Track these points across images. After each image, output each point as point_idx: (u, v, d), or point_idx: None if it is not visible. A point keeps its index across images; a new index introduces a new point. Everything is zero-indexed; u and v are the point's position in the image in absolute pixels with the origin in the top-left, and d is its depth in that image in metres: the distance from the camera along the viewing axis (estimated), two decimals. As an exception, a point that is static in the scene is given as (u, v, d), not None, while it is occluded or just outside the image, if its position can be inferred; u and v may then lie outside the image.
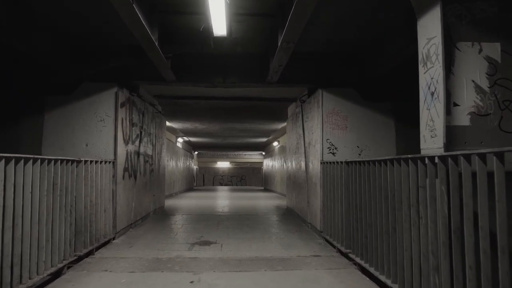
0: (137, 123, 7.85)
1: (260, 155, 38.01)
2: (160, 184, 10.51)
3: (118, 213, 6.53)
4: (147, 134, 8.78)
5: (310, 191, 7.65)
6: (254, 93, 9.44)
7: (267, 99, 10.00)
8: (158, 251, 5.63)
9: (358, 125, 6.86)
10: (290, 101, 10.12)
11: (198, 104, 10.82)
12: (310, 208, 7.58)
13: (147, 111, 8.77)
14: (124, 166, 6.94)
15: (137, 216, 7.89)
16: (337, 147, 6.81)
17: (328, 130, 6.83)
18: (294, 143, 9.76)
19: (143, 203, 8.38)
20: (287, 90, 9.08)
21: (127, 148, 7.09)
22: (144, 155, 8.42)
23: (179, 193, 20.72)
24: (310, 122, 7.69)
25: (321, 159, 6.75)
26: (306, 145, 8.06)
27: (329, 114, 6.86)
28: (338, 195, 5.69)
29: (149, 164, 8.99)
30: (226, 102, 10.40)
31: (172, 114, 12.73)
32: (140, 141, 8.04)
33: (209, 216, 9.73)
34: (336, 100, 6.89)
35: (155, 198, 9.76)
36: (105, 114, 6.57)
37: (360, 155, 6.82)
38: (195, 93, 9.50)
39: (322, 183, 6.64)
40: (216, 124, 15.30)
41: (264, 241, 6.43)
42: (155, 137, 9.72)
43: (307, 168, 7.98)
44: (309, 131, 7.80)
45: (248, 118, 13.51)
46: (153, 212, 9.58)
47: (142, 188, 8.27)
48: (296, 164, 9.30)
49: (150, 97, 9.44)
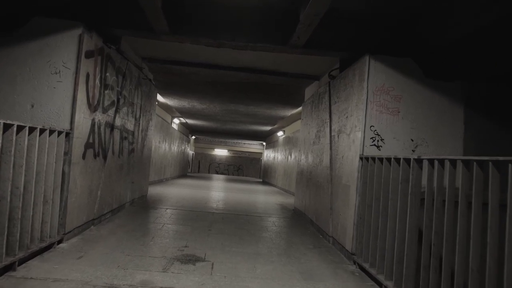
0: (113, 86, 5.90)
1: (260, 145, 36.17)
2: (143, 168, 8.59)
3: (71, 205, 4.62)
4: (128, 104, 6.83)
5: (336, 194, 5.75)
6: (269, 63, 7.48)
7: (283, 74, 8.05)
8: (117, 269, 3.74)
9: (415, 110, 4.94)
10: (311, 78, 8.17)
11: (198, 75, 8.86)
12: (335, 218, 5.69)
13: (131, 74, 6.81)
14: (87, 141, 5.01)
15: (104, 208, 5.99)
16: (383, 138, 4.90)
17: (374, 113, 4.91)
18: (312, 132, 7.84)
19: (115, 191, 6.47)
20: (311, 63, 7.13)
21: (93, 117, 5.16)
22: (121, 130, 6.49)
23: (170, 179, 18.84)
24: (344, 103, 5.76)
25: (360, 152, 4.85)
26: (334, 133, 6.14)
27: (377, 91, 4.93)
28: (392, 209, 3.80)
29: (129, 142, 7.07)
30: (232, 74, 8.43)
31: (166, 87, 10.75)
32: (116, 111, 6.10)
33: (199, 213, 7.84)
34: (387, 74, 4.95)
35: (135, 185, 7.86)
36: (62, 64, 4.62)
37: (414, 151, 4.91)
38: (194, 57, 7.53)
39: (359, 186, 4.74)
40: (217, 104, 13.33)
41: (273, 261, 4.54)
42: (140, 110, 7.77)
43: (332, 163, 6.08)
44: (340, 116, 5.88)
45: (255, 99, 11.55)
46: (130, 203, 7.68)
47: (115, 171, 6.35)
48: (315, 158, 7.39)
49: (137, 58, 7.47)
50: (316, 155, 7.31)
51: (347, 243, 5.01)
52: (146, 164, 8.86)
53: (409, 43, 5.12)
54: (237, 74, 8.36)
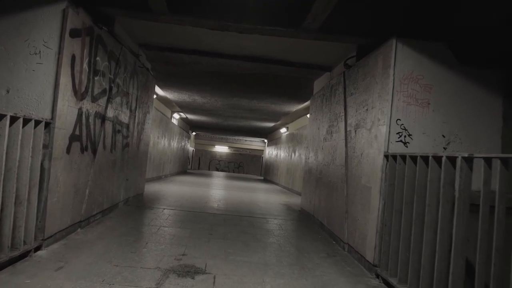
0: (105, 73, 5.28)
1: (261, 143, 35.57)
2: (139, 165, 7.98)
3: (52, 206, 4.01)
4: (123, 94, 6.21)
5: (352, 196, 5.14)
6: (277, 51, 6.85)
7: (292, 64, 7.41)
8: (101, 285, 3.13)
9: (447, 102, 4.32)
10: (321, 69, 7.54)
11: (199, 65, 8.22)
12: (351, 223, 5.08)
13: (125, 61, 6.19)
14: (73, 133, 4.39)
15: (94, 208, 5.38)
16: (411, 133, 4.28)
17: (401, 105, 4.29)
18: (323, 127, 7.22)
19: (106, 189, 5.86)
20: (322, 52, 6.50)
21: (80, 106, 4.54)
22: (114, 122, 5.87)
23: (169, 176, 18.24)
24: (363, 94, 5.14)
25: (385, 149, 4.23)
26: (350, 128, 5.52)
27: (405, 80, 4.31)
28: (430, 217, 3.18)
29: (123, 135, 6.45)
30: (237, 64, 7.81)
31: (165, 78, 10.12)
32: (108, 101, 5.48)
33: (199, 214, 7.23)
34: (416, 60, 4.33)
35: (129, 183, 7.25)
36: (43, 44, 3.99)
37: (446, 149, 4.30)
38: (195, 45, 6.90)
39: (384, 188, 4.13)
40: (219, 98, 12.70)
41: (283, 274, 3.94)
42: (136, 101, 7.15)
43: (348, 161, 5.46)
44: (358, 108, 5.26)
45: (259, 93, 10.92)
46: (125, 202, 7.07)
47: (107, 168, 5.74)
48: (326, 156, 6.77)
49: (133, 44, 6.85)
50: (327, 152, 6.69)
51: (367, 253, 4.40)
52: (143, 160, 8.24)
53: (442, 25, 4.48)
54: (242, 64, 7.73)
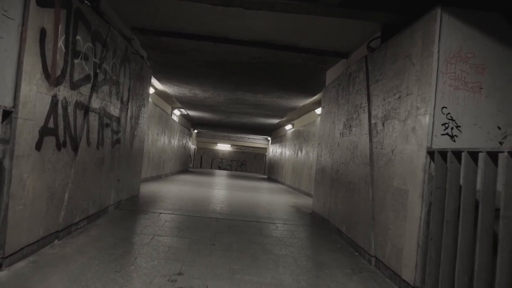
0: (88, 56, 4.49)
1: (264, 140, 34.79)
2: (133, 163, 7.19)
3: (15, 215, 3.22)
4: (111, 82, 5.42)
5: (381, 201, 4.33)
6: (288, 35, 6.04)
7: (304, 50, 6.60)
8: (67, 325, 2.34)
9: (504, 86, 3.51)
10: (337, 56, 6.72)
11: (201, 53, 7.43)
12: (380, 232, 4.28)
13: (115, 44, 5.40)
14: (45, 125, 3.61)
15: (76, 215, 4.60)
16: (459, 124, 3.47)
17: (447, 90, 3.48)
18: (339, 121, 6.41)
19: (92, 192, 5.08)
20: (339, 35, 5.71)
21: (55, 92, 3.75)
22: (101, 114, 5.09)
23: (170, 175, 17.47)
24: (393, 80, 4.33)
25: (428, 144, 3.43)
26: (376, 121, 4.72)
27: (451, 59, 3.50)
28: (507, 233, 2.38)
29: (112, 130, 5.66)
30: (242, 51, 7.01)
31: (164, 69, 9.32)
32: (93, 89, 4.69)
33: (200, 219, 6.44)
34: (465, 34, 3.52)
35: (122, 183, 6.46)
36: (2, 13, 3.20)
37: (503, 143, 3.49)
38: (196, 28, 6.09)
39: (427, 192, 3.33)
40: (222, 92, 11.90)
41: (304, 300, 3.15)
42: (129, 92, 6.36)
43: (373, 159, 4.66)
44: (387, 97, 4.45)
45: (266, 85, 10.11)
46: (116, 205, 6.29)
47: (92, 167, 4.95)
48: (344, 153, 5.97)
49: (125, 27, 6.06)
50: (345, 149, 5.88)
51: (404, 271, 3.60)
52: (137, 158, 7.46)
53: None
54: (248, 50, 6.93)
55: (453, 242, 2.94)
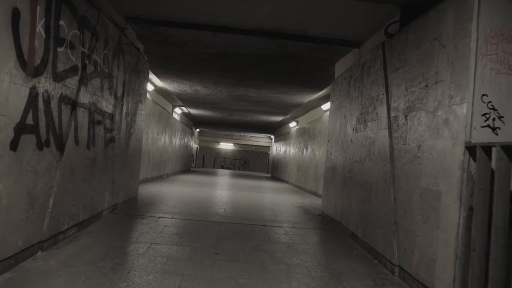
0: (74, 44, 4.02)
1: (268, 139, 34.31)
2: (130, 164, 6.73)
3: (-15, 227, 2.76)
4: (103, 75, 4.95)
5: (405, 202, 3.84)
6: (294, 22, 5.55)
7: (311, 39, 6.10)
8: None
9: (553, 70, 3.02)
10: (347, 45, 6.22)
11: (200, 44, 6.95)
12: (405, 239, 3.79)
13: (106, 33, 4.93)
14: (21, 122, 3.13)
15: (64, 222, 4.13)
16: (503, 114, 2.98)
17: (487, 75, 2.99)
18: (351, 115, 5.92)
19: (83, 196, 4.62)
20: (350, 21, 5.20)
21: (34, 84, 3.28)
22: (91, 110, 4.62)
23: (171, 175, 17.02)
24: (416, 67, 3.84)
25: (466, 138, 2.93)
26: (397, 113, 4.23)
27: (492, 39, 3.00)
28: None
29: (106, 128, 5.19)
30: (244, 42, 6.52)
31: (162, 63, 8.85)
32: (81, 82, 4.22)
33: (202, 224, 5.97)
34: (507, 10, 3.02)
35: (117, 185, 6.00)
36: (-33, -10, 2.73)
37: (553, 137, 2.99)
38: (194, 16, 5.61)
39: (466, 194, 2.84)
40: (224, 89, 11.41)
41: (325, 323, 2.67)
42: (124, 86, 5.89)
43: (394, 156, 4.17)
44: (409, 86, 3.95)
45: (269, 80, 9.61)
46: (111, 209, 5.82)
47: (82, 168, 4.49)
48: (358, 149, 5.48)
49: (119, 16, 5.58)
50: (360, 145, 5.39)
51: (438, 285, 3.11)
52: (135, 158, 6.99)
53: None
54: (250, 40, 6.44)
55: (504, 254, 2.45)
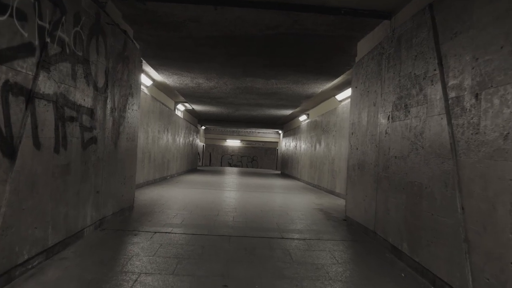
0: (25, 13, 3.00)
1: (276, 134, 33.27)
2: (121, 168, 5.73)
3: None
4: (75, 59, 3.93)
5: (486, 216, 2.78)
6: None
7: (334, 10, 5.02)
8: None
9: None
10: (375, 17, 5.14)
11: (199, 25, 5.91)
12: (485, 266, 2.72)
13: (76, 6, 3.90)
14: None
15: (23, 251, 3.13)
16: None
17: None
18: (386, 100, 4.85)
19: (52, 213, 3.62)
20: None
21: (-47, 64, 2.27)
22: (59, 104, 3.60)
23: (176, 175, 16.06)
24: (494, 25, 2.76)
25: None
26: (460, 93, 3.15)
27: None
28: None
29: (82, 126, 4.18)
30: (252, 19, 5.46)
31: (158, 52, 7.83)
32: (41, 65, 3.21)
33: (207, 240, 4.96)
34: None
35: (104, 195, 5.00)
36: None
37: None
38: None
39: None
40: (229, 80, 10.37)
41: None
42: (106, 75, 4.87)
43: (458, 150, 3.10)
44: (481, 55, 2.87)
45: (280, 68, 8.55)
46: (96, 225, 4.83)
47: (49, 179, 3.49)
48: (397, 142, 4.41)
49: (96, -12, 4.55)
50: (400, 137, 4.32)
51: None
52: (127, 160, 5.99)
53: None
54: (259, 17, 5.39)
55: None
